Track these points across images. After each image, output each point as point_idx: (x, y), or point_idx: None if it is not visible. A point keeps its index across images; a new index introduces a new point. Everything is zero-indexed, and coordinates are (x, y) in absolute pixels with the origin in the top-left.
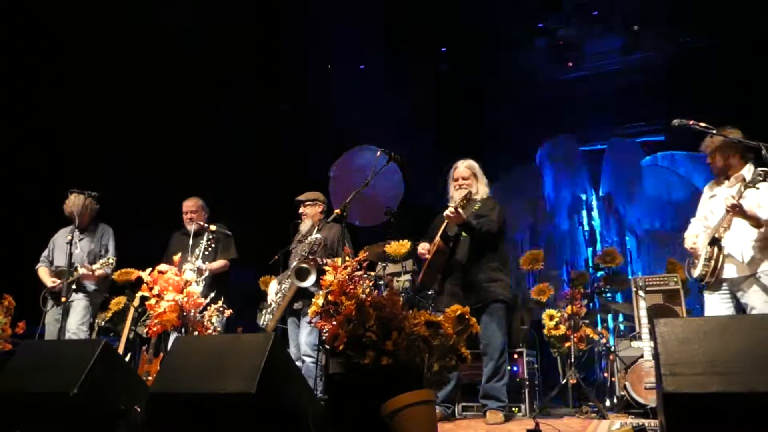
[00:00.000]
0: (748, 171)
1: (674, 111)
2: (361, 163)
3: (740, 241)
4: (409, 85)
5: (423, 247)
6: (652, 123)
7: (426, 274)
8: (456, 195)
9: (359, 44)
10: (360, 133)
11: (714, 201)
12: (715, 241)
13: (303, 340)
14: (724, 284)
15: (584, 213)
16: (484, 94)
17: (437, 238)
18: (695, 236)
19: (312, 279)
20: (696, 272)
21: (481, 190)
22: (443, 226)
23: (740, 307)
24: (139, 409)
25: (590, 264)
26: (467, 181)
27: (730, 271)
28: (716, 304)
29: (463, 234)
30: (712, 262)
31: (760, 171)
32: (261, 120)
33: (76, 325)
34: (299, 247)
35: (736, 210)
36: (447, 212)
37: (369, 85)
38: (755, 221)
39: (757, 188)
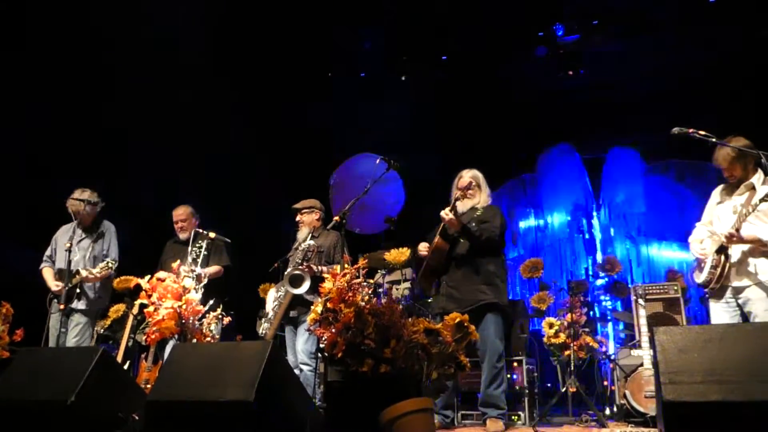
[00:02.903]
0: (757, 179)
1: (675, 119)
2: (361, 170)
3: (747, 249)
4: (408, 94)
5: (423, 246)
6: (653, 131)
7: (423, 276)
8: (458, 204)
9: (359, 51)
10: (360, 141)
11: (721, 207)
12: (722, 249)
13: (299, 348)
14: (729, 292)
15: (584, 221)
16: (484, 102)
17: (437, 237)
18: (700, 241)
19: (306, 285)
20: (701, 278)
21: (483, 200)
22: (442, 225)
23: (745, 316)
24: (137, 417)
25: (590, 272)
26: (470, 191)
27: (735, 279)
28: (721, 313)
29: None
30: (718, 269)
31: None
32: (260, 123)
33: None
34: (295, 255)
35: (734, 240)
36: (441, 213)
37: (369, 93)
38: (759, 243)
39: None
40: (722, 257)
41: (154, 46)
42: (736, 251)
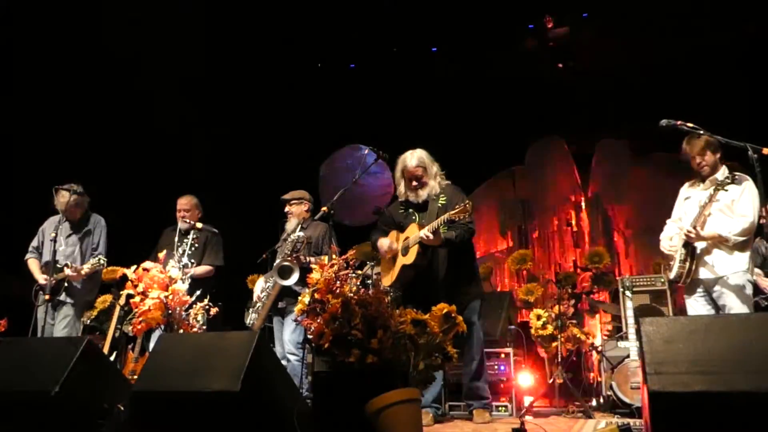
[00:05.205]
0: (722, 173)
1: (663, 112)
2: (350, 162)
3: (712, 242)
4: (399, 85)
5: (390, 248)
6: (641, 124)
7: (401, 275)
8: (410, 195)
9: (349, 42)
10: (350, 132)
11: (688, 203)
12: (688, 243)
13: (287, 338)
14: (700, 286)
15: (573, 213)
16: (474, 94)
17: (414, 255)
18: (669, 238)
19: (295, 277)
20: (672, 274)
21: (432, 184)
22: (419, 244)
23: (718, 309)
24: (122, 408)
25: (578, 264)
26: (423, 180)
27: (704, 273)
28: (696, 306)
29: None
30: (687, 264)
31: (727, 174)
32: (252, 118)
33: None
34: (283, 246)
35: (693, 238)
36: (421, 234)
37: (359, 84)
38: (720, 239)
39: (726, 190)
40: (689, 251)
41: (147, 42)
42: (702, 245)
